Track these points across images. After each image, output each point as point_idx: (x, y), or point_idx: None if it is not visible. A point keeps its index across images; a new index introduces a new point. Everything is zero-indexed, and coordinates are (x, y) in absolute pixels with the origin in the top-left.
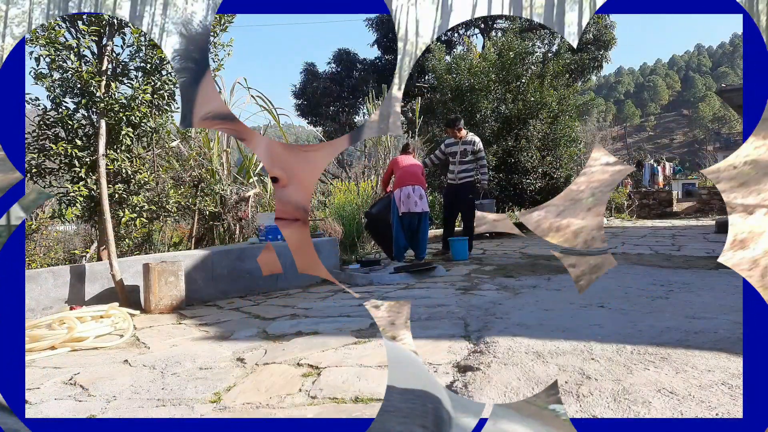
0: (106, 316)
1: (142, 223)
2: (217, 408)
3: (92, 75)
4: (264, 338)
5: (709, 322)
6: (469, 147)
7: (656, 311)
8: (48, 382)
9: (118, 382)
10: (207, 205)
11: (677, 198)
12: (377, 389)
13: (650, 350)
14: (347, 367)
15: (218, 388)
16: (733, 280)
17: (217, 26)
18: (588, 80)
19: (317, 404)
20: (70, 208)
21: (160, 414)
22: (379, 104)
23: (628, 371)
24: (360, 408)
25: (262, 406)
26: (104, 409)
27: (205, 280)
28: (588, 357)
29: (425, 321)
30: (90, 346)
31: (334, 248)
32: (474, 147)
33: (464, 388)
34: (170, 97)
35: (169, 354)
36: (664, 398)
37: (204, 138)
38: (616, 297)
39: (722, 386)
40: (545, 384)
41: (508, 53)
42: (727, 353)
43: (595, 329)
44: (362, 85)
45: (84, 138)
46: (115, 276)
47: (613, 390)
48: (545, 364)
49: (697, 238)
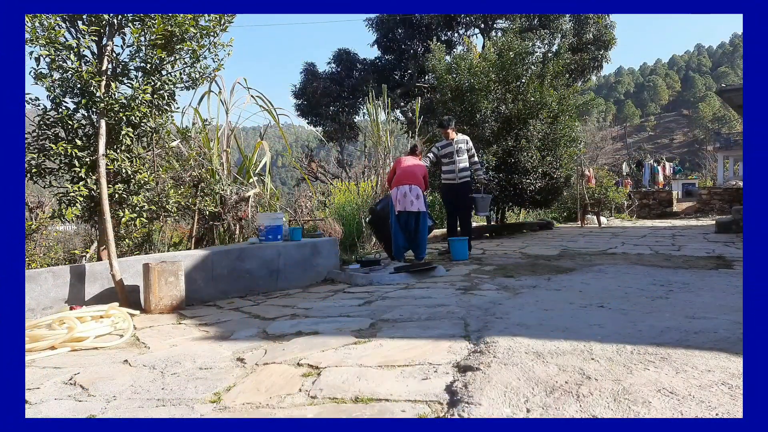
0: (106, 316)
1: (142, 223)
2: (217, 408)
3: (92, 75)
4: (264, 338)
5: (709, 322)
6: (464, 145)
7: (656, 311)
8: (48, 382)
9: (118, 382)
10: (207, 205)
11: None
12: (377, 389)
13: (650, 350)
14: (347, 367)
15: (218, 388)
16: (733, 280)
17: (217, 26)
18: (588, 80)
19: (317, 404)
20: (70, 208)
21: (160, 414)
22: (379, 104)
23: (628, 371)
24: (360, 408)
25: (262, 406)
26: (104, 409)
27: (205, 280)
28: (588, 357)
29: (425, 321)
30: (90, 346)
31: (334, 248)
32: (467, 145)
33: (464, 388)
34: (170, 97)
35: (169, 354)
36: (664, 398)
37: (204, 138)
38: (616, 297)
39: (722, 386)
40: (545, 384)
41: (508, 53)
42: (727, 353)
43: (595, 329)
44: (362, 85)
45: (84, 138)
46: (115, 276)
47: (613, 390)
48: (545, 364)
49: (697, 238)
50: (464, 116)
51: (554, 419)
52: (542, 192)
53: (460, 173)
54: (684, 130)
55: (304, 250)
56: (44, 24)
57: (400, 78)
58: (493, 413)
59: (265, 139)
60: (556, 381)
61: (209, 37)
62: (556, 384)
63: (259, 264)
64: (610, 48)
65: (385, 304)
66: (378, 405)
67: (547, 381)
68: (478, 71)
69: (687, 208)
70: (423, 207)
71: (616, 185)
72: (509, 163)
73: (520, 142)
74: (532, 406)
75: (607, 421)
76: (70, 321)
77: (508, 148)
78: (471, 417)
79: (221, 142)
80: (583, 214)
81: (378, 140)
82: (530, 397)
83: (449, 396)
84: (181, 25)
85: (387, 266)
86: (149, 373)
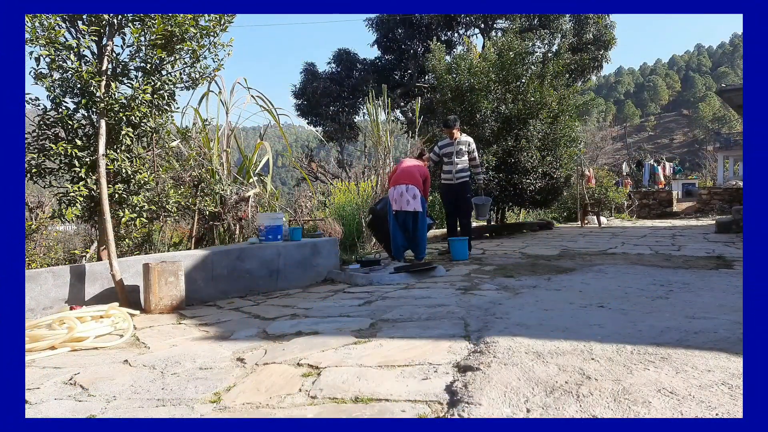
0: (106, 316)
1: (142, 223)
2: (217, 408)
3: (92, 75)
4: (264, 338)
5: (709, 322)
6: (465, 147)
7: (656, 311)
8: (48, 382)
9: (118, 382)
10: (207, 205)
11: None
12: (377, 389)
13: (650, 350)
14: (347, 367)
15: (218, 388)
16: (733, 280)
17: (217, 26)
18: (588, 80)
19: (317, 404)
20: (70, 208)
21: (160, 414)
22: (379, 104)
23: (628, 371)
24: (360, 408)
25: (262, 407)
26: (104, 409)
27: (205, 280)
28: (588, 357)
29: (425, 321)
30: (90, 346)
31: (334, 248)
32: (469, 147)
33: (464, 388)
34: (170, 97)
35: (169, 354)
36: (664, 398)
37: (204, 138)
38: (616, 297)
39: (722, 386)
40: (545, 384)
41: (508, 53)
42: (727, 353)
43: (595, 329)
44: (362, 85)
45: (84, 138)
46: (115, 276)
47: (613, 390)
48: (545, 364)
49: (697, 238)
50: (464, 116)
51: (554, 419)
52: (542, 192)
53: (458, 174)
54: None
55: (304, 250)
56: (44, 24)
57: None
58: (493, 413)
59: (265, 139)
60: (556, 381)
61: (209, 37)
62: (556, 384)
63: (259, 264)
64: (610, 48)
65: (385, 304)
66: (378, 405)
67: (547, 381)
68: (478, 71)
69: (687, 208)
70: (419, 207)
71: (616, 185)
72: (509, 163)
73: (520, 142)
74: (532, 406)
75: (607, 421)
76: (70, 321)
77: (508, 148)
78: (471, 417)
79: (221, 142)
80: (583, 215)
81: (378, 140)
82: (530, 397)
83: (449, 396)
84: (181, 25)
85: (387, 266)
86: (149, 373)
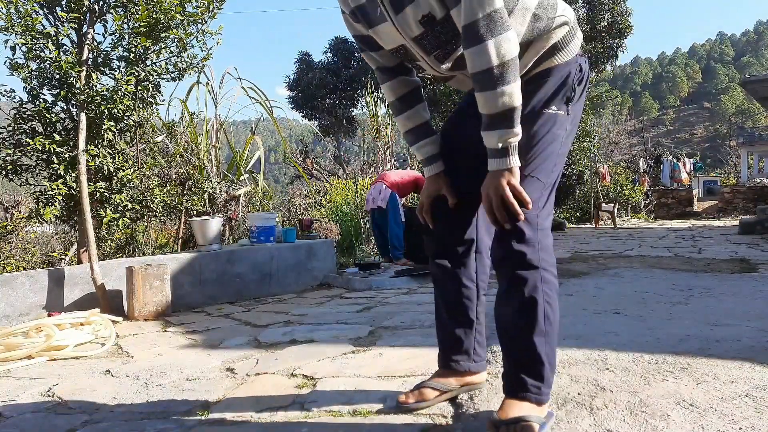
0: (87, 323)
1: (125, 223)
2: (205, 421)
3: (71, 65)
4: (256, 347)
5: (732, 330)
6: None
7: (675, 318)
8: (24, 394)
9: (99, 394)
10: (194, 205)
11: (698, 196)
12: (377, 402)
13: (669, 359)
14: (344, 377)
15: (207, 399)
16: (758, 285)
17: (206, 13)
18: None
19: (312, 418)
20: (48, 207)
21: (145, 428)
22: (378, 96)
23: (645, 382)
24: (358, 422)
25: (254, 420)
26: (85, 423)
27: (192, 285)
28: (602, 367)
29: (428, 328)
30: (70, 356)
31: (331, 250)
32: None
33: (470, 401)
34: (155, 89)
35: (153, 364)
36: (684, 411)
37: (191, 133)
38: (632, 303)
39: (746, 398)
40: (557, 396)
41: None
42: (751, 363)
43: (610, 337)
44: (361, 75)
45: (63, 132)
46: (96, 280)
47: (629, 402)
48: (557, 375)
49: (719, 239)
50: None
51: None
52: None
53: None
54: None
55: (299, 253)
56: (20, 11)
57: None
58: None
59: (256, 133)
60: (569, 392)
61: (197, 25)
62: (568, 396)
63: (251, 267)
64: (626, 36)
65: (385, 310)
66: (377, 418)
67: (559, 392)
68: None
69: (708, 207)
70: (381, 203)
71: (633, 183)
72: None
73: None
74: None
75: None
76: (48, 328)
77: None
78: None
79: (210, 137)
80: (597, 214)
81: (378, 134)
82: None
83: (454, 409)
84: (167, 11)
85: (387, 269)
86: (133, 385)
